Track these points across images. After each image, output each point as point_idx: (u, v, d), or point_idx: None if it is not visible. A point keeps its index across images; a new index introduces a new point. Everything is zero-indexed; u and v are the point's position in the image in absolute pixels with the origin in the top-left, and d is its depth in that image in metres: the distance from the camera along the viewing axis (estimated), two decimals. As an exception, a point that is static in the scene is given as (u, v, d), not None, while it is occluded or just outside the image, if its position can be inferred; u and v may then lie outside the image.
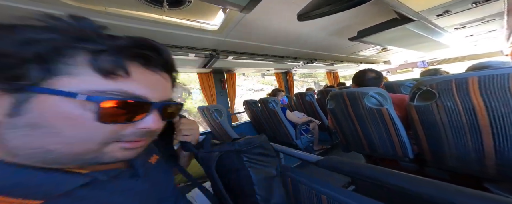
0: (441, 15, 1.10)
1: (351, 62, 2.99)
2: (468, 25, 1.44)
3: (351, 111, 0.83)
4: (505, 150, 0.48)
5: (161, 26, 0.95)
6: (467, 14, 1.17)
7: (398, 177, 0.28)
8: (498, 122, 0.47)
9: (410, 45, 1.90)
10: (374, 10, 1.10)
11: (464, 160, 0.57)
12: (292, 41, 1.54)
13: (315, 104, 1.98)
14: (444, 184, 0.25)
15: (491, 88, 0.46)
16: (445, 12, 1.06)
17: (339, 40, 1.68)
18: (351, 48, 2.09)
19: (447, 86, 0.52)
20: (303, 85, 10.05)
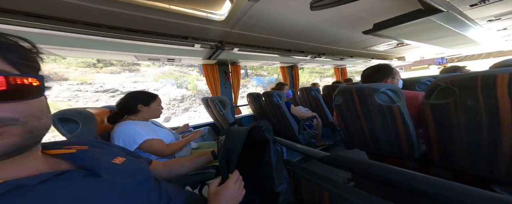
0: (475, 4, 0.96)
1: (362, 57, 2.83)
2: (504, 16, 1.28)
3: (359, 108, 0.82)
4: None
5: (168, 15, 0.92)
6: (506, 4, 1.03)
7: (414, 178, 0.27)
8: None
9: (432, 39, 1.74)
10: (396, 1, 1.00)
11: (474, 160, 0.56)
12: (300, 34, 1.46)
13: (320, 99, 1.95)
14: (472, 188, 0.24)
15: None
16: (481, 1, 0.93)
17: (351, 34, 1.58)
18: (363, 43, 1.97)
19: (470, 83, 0.50)
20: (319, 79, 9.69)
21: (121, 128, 0.78)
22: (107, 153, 0.33)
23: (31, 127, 0.21)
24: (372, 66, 0.88)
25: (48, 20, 0.79)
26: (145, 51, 1.28)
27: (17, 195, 0.19)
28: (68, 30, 0.86)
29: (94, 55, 1.35)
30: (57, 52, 1.16)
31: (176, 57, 1.52)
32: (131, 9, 0.82)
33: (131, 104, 0.85)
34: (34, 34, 0.88)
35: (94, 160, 0.28)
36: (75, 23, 0.84)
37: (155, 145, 0.79)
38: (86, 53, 1.22)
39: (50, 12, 0.78)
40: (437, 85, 0.58)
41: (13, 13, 0.73)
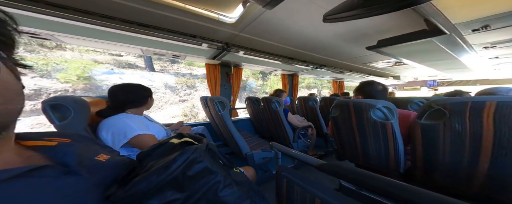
0: (477, 30, 1.02)
1: (360, 73, 2.95)
2: (499, 44, 1.36)
3: (354, 121, 0.85)
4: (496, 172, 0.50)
5: (181, 13, 0.95)
6: (505, 32, 1.10)
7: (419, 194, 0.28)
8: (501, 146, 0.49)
9: (428, 61, 1.84)
10: (404, 19, 1.04)
11: (453, 178, 0.59)
12: (304, 44, 1.53)
13: (317, 110, 2.00)
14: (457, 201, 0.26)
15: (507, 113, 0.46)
16: (483, 27, 0.99)
17: (354, 48, 1.66)
18: (364, 58, 2.06)
19: (460, 107, 0.53)
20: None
21: (112, 121, 0.75)
22: (91, 149, 0.30)
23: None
24: (375, 83, 0.90)
25: (66, 9, 0.80)
26: (152, 45, 1.30)
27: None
28: (85, 21, 0.88)
29: (103, 46, 1.34)
30: (71, 40, 1.16)
31: (181, 54, 1.53)
32: (146, 5, 0.84)
33: (142, 97, 0.85)
34: (53, 22, 0.89)
35: (76, 155, 0.25)
36: (92, 14, 0.86)
37: (146, 141, 0.76)
38: (96, 43, 1.23)
39: (69, 2, 0.80)
40: (430, 106, 0.61)
41: (35, 0, 0.74)
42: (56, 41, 1.17)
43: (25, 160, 0.22)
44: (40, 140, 0.26)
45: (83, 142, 0.31)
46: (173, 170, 0.25)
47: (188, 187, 0.25)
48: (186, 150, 0.27)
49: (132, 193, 0.23)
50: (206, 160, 0.28)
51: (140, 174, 0.25)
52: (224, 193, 0.28)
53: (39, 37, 1.06)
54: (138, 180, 0.23)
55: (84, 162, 0.25)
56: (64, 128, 0.59)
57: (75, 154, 0.25)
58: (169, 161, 0.25)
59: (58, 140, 0.27)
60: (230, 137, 1.33)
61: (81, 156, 0.25)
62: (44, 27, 0.93)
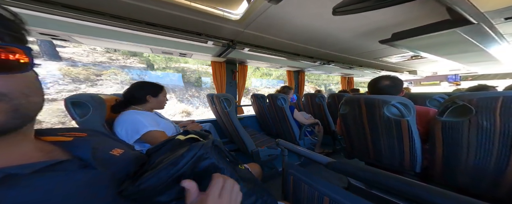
0: (511, 18, 0.88)
1: (371, 68, 2.78)
2: None
3: (365, 119, 0.81)
4: None
5: (187, 11, 0.95)
6: None
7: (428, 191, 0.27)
8: None
9: (451, 54, 1.65)
10: (422, 9, 0.93)
11: (478, 179, 0.55)
12: (311, 39, 1.47)
13: (324, 107, 1.95)
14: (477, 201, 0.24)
15: None
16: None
17: (365, 42, 1.56)
18: (376, 52, 1.93)
19: (490, 103, 0.48)
20: None
21: (125, 117, 0.80)
22: (106, 143, 0.31)
23: (18, 105, 0.19)
24: (388, 77, 0.85)
25: (81, 11, 0.84)
26: (160, 44, 1.33)
27: (8, 185, 0.17)
28: (98, 21, 0.92)
29: (114, 45, 1.41)
30: (87, 41, 1.23)
31: (188, 52, 1.56)
32: (154, 4, 0.85)
33: (141, 94, 0.88)
34: (71, 24, 0.95)
35: (91, 150, 0.25)
36: (103, 14, 0.89)
37: (157, 137, 0.80)
38: (109, 43, 1.29)
39: (83, 4, 0.84)
40: (454, 102, 0.56)
41: (54, 3, 0.79)
42: (74, 41, 1.24)
43: (47, 154, 0.23)
44: (57, 136, 0.28)
45: (98, 137, 0.33)
46: (181, 166, 0.25)
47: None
48: (193, 147, 0.27)
49: (143, 188, 0.23)
50: (212, 157, 0.28)
51: (149, 170, 0.26)
52: None
53: (59, 38, 1.13)
54: (148, 176, 0.24)
55: (98, 156, 0.26)
56: (84, 123, 0.63)
57: (90, 148, 0.26)
58: (177, 158, 0.26)
59: (73, 135, 0.29)
60: (236, 134, 1.35)
61: (95, 150, 0.26)
62: (63, 29, 0.99)
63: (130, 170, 0.28)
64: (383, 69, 2.97)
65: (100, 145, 0.28)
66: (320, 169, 1.63)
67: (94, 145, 0.27)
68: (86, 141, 0.28)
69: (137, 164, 0.29)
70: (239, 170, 0.35)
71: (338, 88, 9.14)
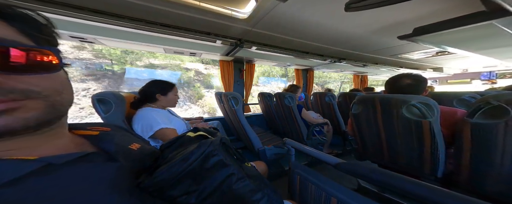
0: None
1: (389, 66, 2.57)
2: None
3: (380, 119, 0.76)
4: None
5: (197, 12, 0.98)
6: None
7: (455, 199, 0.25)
8: None
9: (485, 48, 1.46)
10: (450, 1, 0.84)
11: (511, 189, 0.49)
12: (321, 37, 1.41)
13: (334, 106, 1.88)
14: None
15: None
16: None
17: (382, 38, 1.45)
18: (394, 49, 1.78)
19: None
20: None
21: (141, 114, 0.85)
22: (126, 138, 0.33)
23: (53, 102, 0.21)
24: (409, 75, 0.78)
25: (104, 15, 0.92)
26: (172, 44, 1.39)
27: (45, 173, 0.19)
28: (119, 24, 0.99)
29: (132, 46, 1.50)
30: (110, 43, 1.33)
31: (197, 51, 1.60)
32: (167, 6, 0.89)
33: (151, 93, 0.93)
34: (97, 27, 1.04)
35: (114, 144, 0.28)
36: (123, 17, 0.96)
37: (168, 134, 0.83)
38: (128, 44, 1.38)
39: (106, 8, 0.90)
40: (488, 102, 0.51)
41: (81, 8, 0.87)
42: (99, 43, 1.36)
43: (78, 146, 0.26)
44: (87, 130, 0.30)
45: (119, 132, 0.35)
46: (191, 162, 0.26)
47: (204, 179, 0.27)
48: (202, 144, 0.29)
49: (157, 182, 0.25)
50: (220, 154, 0.29)
51: (162, 165, 0.27)
52: (237, 186, 0.29)
53: (86, 41, 1.25)
54: (161, 171, 0.25)
55: (120, 149, 0.28)
56: (108, 119, 0.70)
57: (114, 142, 0.28)
58: (188, 154, 0.27)
59: (100, 129, 0.31)
60: (243, 132, 1.37)
61: (118, 144, 0.28)
62: (90, 32, 1.10)
63: (146, 164, 0.29)
64: (402, 67, 2.72)
65: (121, 140, 0.30)
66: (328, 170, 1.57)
67: (116, 139, 0.29)
68: (110, 135, 0.30)
69: (152, 159, 0.31)
70: (246, 168, 0.36)
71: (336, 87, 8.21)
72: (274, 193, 0.36)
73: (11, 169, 0.18)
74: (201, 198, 0.26)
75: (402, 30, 1.16)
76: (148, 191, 0.25)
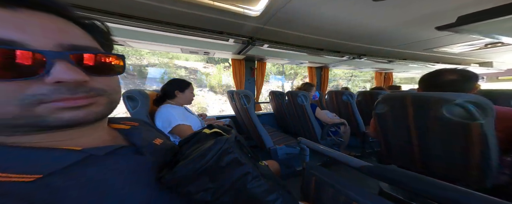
0: None
1: (421, 61, 2.26)
2: None
3: (412, 120, 0.67)
4: None
5: (210, 11, 1.00)
6: None
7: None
8: None
9: None
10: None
11: None
12: (338, 32, 1.32)
13: (353, 105, 1.74)
14: None
15: None
16: None
17: (413, 31, 1.28)
18: (429, 42, 1.54)
19: None
20: None
21: (162, 110, 0.92)
22: (150, 133, 0.35)
23: (113, 99, 0.24)
24: (454, 71, 0.67)
25: (132, 19, 1.00)
26: (188, 44, 1.45)
27: (88, 163, 0.21)
28: (144, 26, 1.07)
29: (153, 47, 1.63)
30: (136, 45, 1.46)
31: (211, 50, 1.65)
32: (182, 6, 0.93)
33: (171, 90, 0.99)
34: (125, 30, 1.15)
35: (141, 139, 0.29)
36: (147, 20, 1.04)
37: (184, 130, 0.88)
38: (150, 45, 1.49)
39: (134, 12, 0.99)
40: None
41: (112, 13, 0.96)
42: (127, 46, 1.51)
43: (112, 139, 0.28)
44: (119, 123, 0.32)
45: (145, 127, 0.36)
46: (208, 159, 0.26)
47: (219, 176, 0.27)
48: (219, 141, 0.28)
49: (177, 177, 0.25)
50: (235, 151, 0.29)
51: (181, 161, 0.28)
52: (252, 185, 0.28)
53: (117, 43, 1.40)
54: (181, 166, 0.26)
55: (146, 144, 0.29)
56: (135, 114, 0.77)
57: (141, 137, 0.30)
58: (205, 150, 0.27)
59: (130, 123, 0.33)
60: (254, 130, 1.37)
61: (144, 139, 0.30)
62: (120, 35, 1.21)
63: (167, 159, 0.30)
64: (439, 62, 2.34)
65: (146, 135, 0.32)
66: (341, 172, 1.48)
67: (143, 134, 0.31)
68: (139, 130, 0.32)
69: (172, 154, 0.32)
70: (260, 167, 0.35)
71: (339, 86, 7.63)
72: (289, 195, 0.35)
73: (61, 158, 0.20)
74: (217, 195, 0.26)
75: (442, 20, 1.00)
76: (169, 185, 0.26)
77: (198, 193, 0.26)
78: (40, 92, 0.18)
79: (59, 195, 0.18)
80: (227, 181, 0.27)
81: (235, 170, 0.28)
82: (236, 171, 0.28)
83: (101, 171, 0.22)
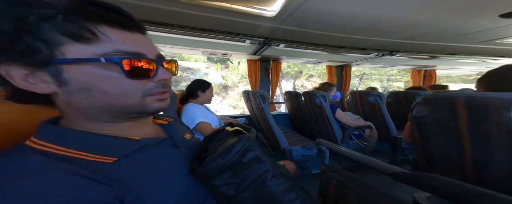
0: None
1: (478, 56, 1.86)
2: None
3: (464, 124, 0.56)
4: None
5: (228, 14, 1.05)
6: None
7: None
8: None
9: None
10: None
11: None
12: (364, 29, 1.20)
13: (382, 107, 1.54)
14: None
15: None
16: None
17: (464, 21, 1.06)
18: (487, 33, 1.25)
19: None
20: None
21: (187, 108, 1.01)
22: (182, 129, 0.38)
23: (170, 94, 0.29)
24: None
25: (156, 24, 1.13)
26: (208, 47, 1.56)
27: (144, 151, 0.25)
28: (169, 31, 1.20)
29: (178, 51, 1.80)
30: (161, 48, 1.63)
31: (228, 52, 1.73)
32: (205, 11, 1.00)
33: (194, 90, 1.08)
34: (153, 36, 1.32)
35: (176, 133, 0.33)
36: (172, 26, 1.16)
37: (205, 128, 0.95)
38: (175, 49, 1.66)
39: (160, 19, 1.11)
40: None
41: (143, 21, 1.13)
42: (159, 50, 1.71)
43: (157, 132, 0.32)
44: (160, 119, 0.36)
45: (177, 123, 0.40)
46: (233, 155, 0.28)
47: (241, 172, 0.28)
48: (242, 138, 0.30)
49: (206, 170, 0.28)
50: (257, 149, 0.30)
51: (208, 156, 0.30)
52: (271, 183, 0.29)
53: None
54: (209, 160, 0.28)
55: (179, 138, 0.33)
56: (166, 112, 0.86)
57: (176, 131, 0.33)
58: (229, 147, 0.29)
59: (167, 119, 0.37)
60: (269, 130, 1.36)
61: (178, 134, 0.33)
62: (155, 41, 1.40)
63: (195, 153, 0.33)
64: (505, 56, 1.88)
65: (179, 130, 0.36)
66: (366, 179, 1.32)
67: (177, 129, 0.35)
68: (174, 125, 0.36)
69: (199, 149, 0.34)
70: (279, 166, 0.36)
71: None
72: (308, 196, 0.34)
73: (128, 145, 0.25)
74: (239, 190, 0.28)
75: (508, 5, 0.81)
76: (199, 178, 0.28)
77: (222, 187, 0.28)
78: (150, 88, 0.25)
79: (127, 175, 0.23)
80: (248, 177, 0.28)
81: (256, 166, 0.29)
82: (257, 167, 0.29)
83: (153, 158, 0.26)
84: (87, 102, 0.22)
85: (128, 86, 0.23)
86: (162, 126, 0.35)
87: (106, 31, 0.21)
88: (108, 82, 0.22)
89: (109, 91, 0.22)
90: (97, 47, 0.21)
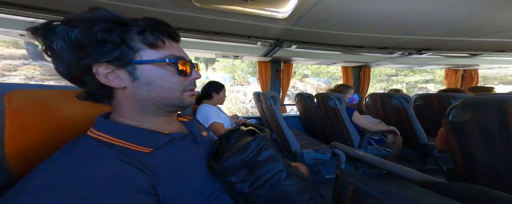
0: None
1: None
2: None
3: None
4: None
5: (241, 17, 1.09)
6: None
7: None
8: None
9: None
10: None
11: None
12: (386, 27, 1.11)
13: (408, 111, 1.38)
14: None
15: None
16: None
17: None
18: None
19: None
20: None
21: (202, 108, 1.06)
22: (199, 126, 0.42)
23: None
24: None
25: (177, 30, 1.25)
26: (220, 49, 1.63)
27: (172, 144, 0.29)
28: (189, 36, 1.28)
29: (193, 54, 1.93)
30: None
31: (240, 54, 1.78)
32: (219, 15, 1.06)
33: (209, 91, 1.13)
34: None
35: (196, 130, 0.36)
36: (189, 31, 1.25)
37: (218, 128, 0.98)
38: (191, 52, 1.78)
39: (180, 24, 1.19)
40: None
41: None
42: None
43: (180, 128, 0.36)
44: (181, 116, 0.41)
45: (195, 121, 0.44)
46: (249, 153, 0.29)
47: (256, 170, 0.29)
48: (257, 137, 0.31)
49: (223, 167, 0.29)
50: (271, 149, 0.30)
51: (225, 153, 0.32)
52: (285, 183, 0.29)
53: None
54: (226, 158, 0.29)
55: (198, 135, 0.36)
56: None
57: (196, 128, 0.37)
58: (245, 145, 0.30)
59: (187, 117, 0.41)
60: (280, 132, 1.34)
61: (197, 131, 0.36)
62: None
63: (212, 150, 0.36)
64: None
65: (198, 127, 0.39)
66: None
67: (196, 127, 0.38)
68: (193, 122, 0.39)
69: (215, 147, 0.37)
70: (292, 167, 0.35)
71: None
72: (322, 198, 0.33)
73: (160, 138, 0.29)
74: (253, 188, 0.28)
75: None
76: (216, 173, 0.30)
77: (237, 183, 0.29)
78: (187, 84, 0.31)
79: (160, 165, 0.26)
80: (263, 175, 0.29)
81: (271, 165, 0.30)
82: (271, 166, 0.29)
83: (179, 151, 0.30)
84: (147, 94, 0.28)
85: (176, 82, 0.30)
86: (183, 123, 0.39)
87: (168, 41, 0.30)
88: (164, 78, 0.29)
89: (163, 85, 0.29)
90: (162, 52, 0.28)
